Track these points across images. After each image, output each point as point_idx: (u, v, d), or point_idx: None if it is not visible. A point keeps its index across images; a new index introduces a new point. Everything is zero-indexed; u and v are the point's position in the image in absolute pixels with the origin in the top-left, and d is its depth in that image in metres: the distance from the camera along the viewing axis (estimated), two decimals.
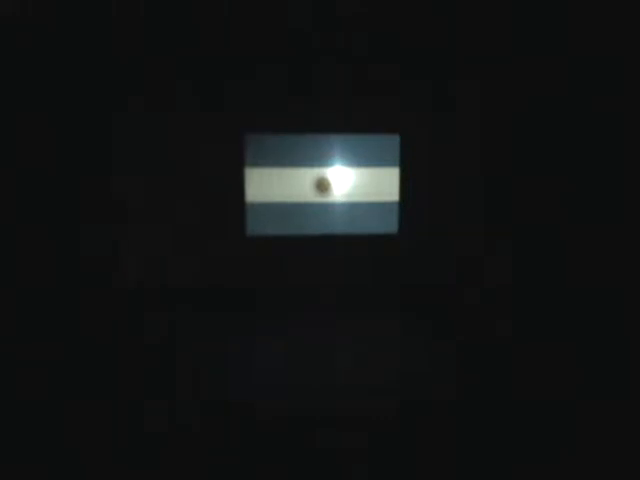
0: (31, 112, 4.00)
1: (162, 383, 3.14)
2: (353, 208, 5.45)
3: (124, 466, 2.29)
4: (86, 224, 4.53)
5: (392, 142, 5.36)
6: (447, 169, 5.36)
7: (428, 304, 4.72)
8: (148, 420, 2.66)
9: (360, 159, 5.39)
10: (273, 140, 5.24)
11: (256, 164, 5.26)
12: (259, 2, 3.70)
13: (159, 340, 3.92)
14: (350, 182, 5.41)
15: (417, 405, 2.85)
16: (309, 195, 5.39)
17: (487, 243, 5.42)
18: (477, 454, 2.38)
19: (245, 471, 2.25)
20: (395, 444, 2.43)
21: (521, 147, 5.21)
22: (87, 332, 3.96)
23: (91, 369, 3.36)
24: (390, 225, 5.45)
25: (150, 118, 4.95)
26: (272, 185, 5.32)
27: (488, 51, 4.38)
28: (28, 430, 2.55)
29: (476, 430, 2.57)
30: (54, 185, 4.22)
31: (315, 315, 4.52)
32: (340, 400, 2.90)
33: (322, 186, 5.38)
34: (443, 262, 5.36)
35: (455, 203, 5.39)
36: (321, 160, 5.35)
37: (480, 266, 5.38)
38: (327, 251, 5.40)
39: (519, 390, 3.04)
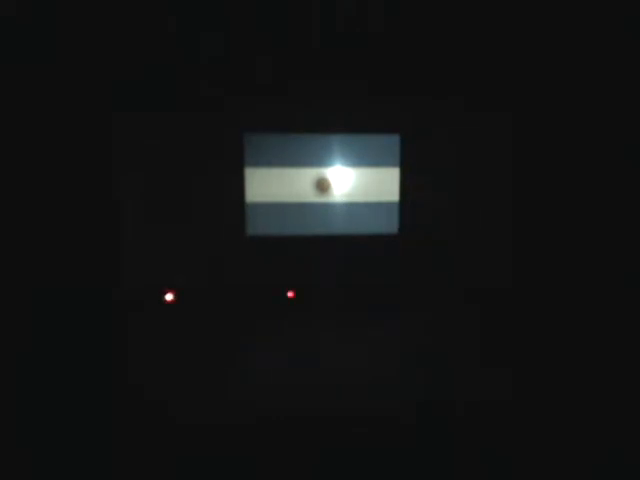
0: (31, 112, 4.00)
1: (162, 383, 3.14)
2: (353, 208, 5.45)
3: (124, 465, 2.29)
4: (86, 224, 4.52)
5: (392, 142, 5.36)
6: (447, 169, 5.36)
7: (428, 304, 4.71)
8: (150, 419, 2.66)
9: (360, 159, 5.38)
10: (273, 140, 5.24)
11: (256, 164, 5.26)
12: (260, 1, 3.70)
13: (158, 340, 3.92)
14: (350, 182, 5.40)
15: (415, 406, 2.85)
16: (309, 195, 5.39)
17: (488, 243, 5.41)
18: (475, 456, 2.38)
19: (245, 470, 2.25)
20: (395, 444, 2.43)
21: (522, 147, 5.21)
22: (88, 333, 3.95)
23: (90, 372, 3.35)
24: (390, 225, 5.45)
25: (150, 118, 4.95)
26: (272, 185, 5.32)
27: (489, 52, 4.37)
28: (28, 429, 2.55)
29: (473, 432, 2.56)
30: (54, 185, 4.22)
31: (315, 315, 4.52)
32: (339, 400, 2.90)
33: (322, 186, 5.38)
34: (443, 262, 5.36)
35: (456, 203, 5.39)
36: (321, 160, 5.35)
37: (480, 266, 5.38)
38: (327, 251, 5.39)
39: (519, 392, 3.04)
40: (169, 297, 4.80)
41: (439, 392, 2.98)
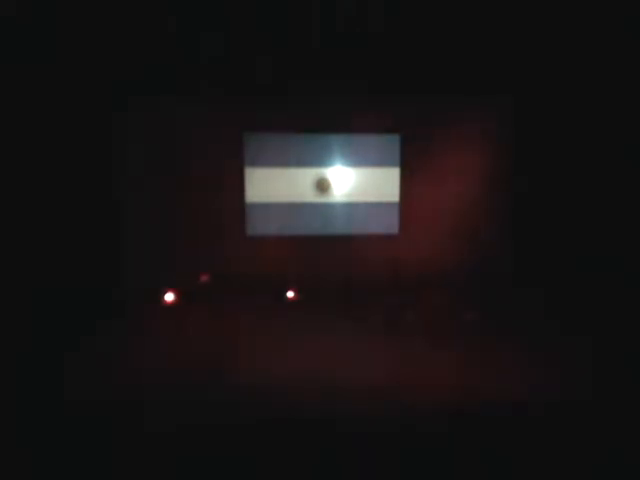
0: (31, 112, 4.00)
1: (162, 382, 3.14)
2: (353, 208, 5.45)
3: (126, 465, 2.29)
4: (86, 224, 4.52)
5: (392, 142, 5.36)
6: (447, 169, 5.36)
7: (428, 303, 4.71)
8: (151, 419, 2.66)
9: (360, 159, 5.38)
10: (273, 140, 5.24)
11: (256, 164, 5.26)
12: (260, 2, 3.70)
13: (158, 340, 3.93)
14: (350, 182, 5.41)
15: (414, 407, 2.85)
16: (309, 195, 5.39)
17: (488, 242, 5.42)
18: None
19: (245, 470, 2.25)
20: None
21: (522, 146, 5.22)
22: (88, 333, 3.96)
23: (90, 371, 3.36)
24: (390, 225, 5.46)
25: (150, 118, 4.95)
26: (272, 185, 5.32)
27: (489, 52, 4.38)
28: (28, 429, 2.56)
29: (473, 431, 2.57)
30: (54, 185, 4.22)
31: (315, 314, 4.52)
32: (339, 400, 2.91)
33: (322, 186, 5.38)
34: (443, 262, 5.35)
35: (455, 203, 5.39)
36: (321, 160, 5.35)
37: (481, 265, 5.38)
38: (327, 251, 5.39)
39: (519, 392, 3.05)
40: (169, 297, 4.80)
41: (439, 393, 2.98)
